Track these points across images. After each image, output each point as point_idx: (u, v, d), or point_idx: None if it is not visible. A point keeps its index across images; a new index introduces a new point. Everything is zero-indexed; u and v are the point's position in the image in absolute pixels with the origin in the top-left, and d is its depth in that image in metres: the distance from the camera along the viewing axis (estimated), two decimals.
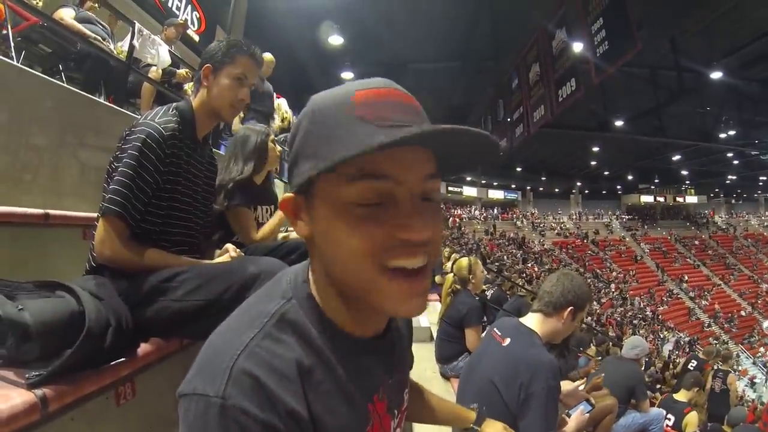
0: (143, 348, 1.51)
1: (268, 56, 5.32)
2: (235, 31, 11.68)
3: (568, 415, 2.35)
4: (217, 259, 1.78)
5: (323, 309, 0.70)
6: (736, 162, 29.77)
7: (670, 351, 20.97)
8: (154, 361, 1.57)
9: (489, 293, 7.67)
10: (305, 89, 19.74)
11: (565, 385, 2.68)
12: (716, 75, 14.58)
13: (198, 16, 10.12)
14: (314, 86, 19.05)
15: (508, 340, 1.99)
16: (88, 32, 4.18)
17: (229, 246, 1.84)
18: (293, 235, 2.66)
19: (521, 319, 2.12)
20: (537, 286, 12.12)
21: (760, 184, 37.88)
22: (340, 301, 0.68)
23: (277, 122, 6.67)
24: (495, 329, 2.10)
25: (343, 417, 0.67)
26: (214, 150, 2.34)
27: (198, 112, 1.75)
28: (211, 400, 0.57)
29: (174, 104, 1.72)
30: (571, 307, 2.05)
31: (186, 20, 7.30)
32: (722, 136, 21.37)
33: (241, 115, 5.47)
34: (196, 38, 9.92)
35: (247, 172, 2.47)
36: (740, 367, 22.90)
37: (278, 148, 2.68)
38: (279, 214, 2.53)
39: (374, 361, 0.75)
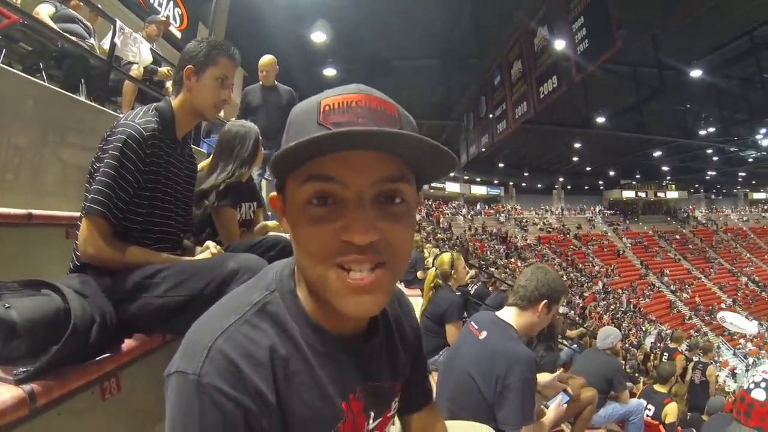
0: (127, 343, 1.54)
1: (269, 58, 5.22)
2: (218, 28, 11.58)
3: (547, 407, 2.41)
4: (198, 256, 1.82)
5: (303, 304, 0.73)
6: (715, 158, 30.12)
7: (652, 343, 21.24)
8: (138, 356, 1.60)
9: (472, 288, 7.75)
10: (288, 86, 19.68)
11: (544, 377, 2.74)
12: (696, 73, 14.74)
13: (180, 12, 10.04)
14: (297, 84, 18.94)
15: (484, 334, 2.03)
16: (60, 30, 4.12)
17: (209, 243, 1.87)
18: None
19: (498, 313, 2.16)
20: None
21: (739, 179, 38.46)
22: (311, 296, 0.72)
23: None
24: (472, 323, 2.15)
25: (315, 409, 0.70)
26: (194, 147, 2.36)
27: (178, 112, 1.77)
28: (189, 377, 0.62)
29: (154, 105, 1.75)
30: (545, 300, 2.09)
31: (168, 17, 7.24)
32: (702, 132, 21.67)
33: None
34: (178, 35, 9.84)
35: (243, 175, 2.49)
36: (721, 359, 23.31)
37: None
38: (267, 224, 2.58)
39: (354, 361, 0.77)
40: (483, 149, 18.60)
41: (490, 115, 16.78)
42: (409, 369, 0.96)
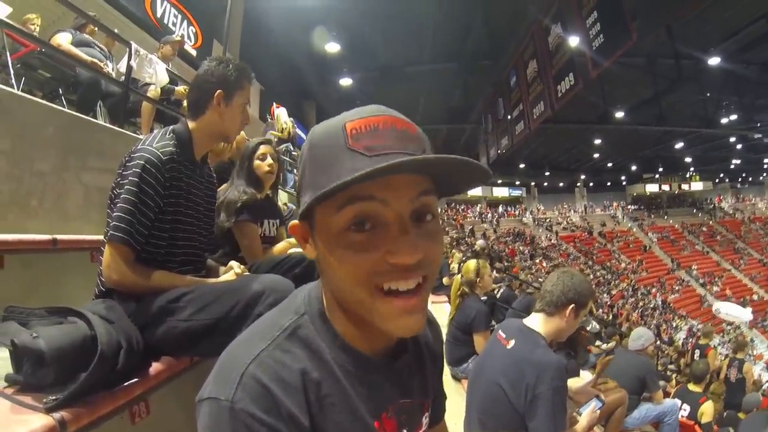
0: (155, 367, 1.55)
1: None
2: (232, 44, 11.72)
3: (579, 413, 2.36)
4: (222, 277, 1.82)
5: (334, 325, 0.73)
6: (739, 146, 29.56)
7: (683, 339, 20.83)
8: (166, 379, 1.61)
9: (499, 293, 7.67)
10: (304, 97, 19.85)
11: (576, 383, 2.69)
12: (714, 60, 14.45)
13: (194, 30, 10.19)
14: (313, 94, 19.10)
15: (512, 342, 2.01)
16: (85, 57, 4.22)
17: (233, 263, 1.87)
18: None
19: (525, 320, 2.14)
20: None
21: (765, 166, 37.57)
22: (347, 318, 0.72)
23: (276, 132, 6.72)
24: (500, 331, 2.12)
25: (346, 429, 0.69)
26: None
27: (198, 133, 1.78)
28: (222, 403, 0.62)
29: (171, 127, 1.76)
30: (572, 305, 2.06)
31: (183, 37, 7.32)
32: (724, 121, 21.28)
33: None
34: (194, 53, 9.98)
35: (259, 193, 2.51)
36: (755, 352, 22.75)
37: (269, 161, 2.66)
38: (290, 241, 2.57)
39: (384, 380, 0.77)
40: (503, 151, 18.53)
41: (508, 117, 16.75)
42: (438, 385, 0.95)
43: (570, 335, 4.79)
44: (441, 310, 5.44)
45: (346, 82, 16.61)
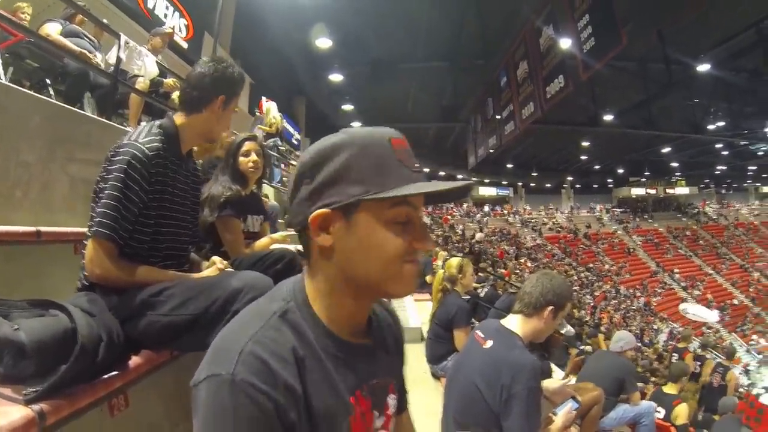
0: (135, 360, 1.57)
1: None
2: (224, 37, 11.66)
3: (555, 414, 2.40)
4: (204, 272, 1.83)
5: (316, 312, 0.84)
6: (725, 153, 29.85)
7: (664, 342, 21.08)
8: (146, 373, 1.63)
9: (482, 291, 7.73)
10: (294, 92, 19.78)
11: (552, 383, 2.74)
12: (704, 67, 14.51)
13: (186, 23, 10.13)
14: (303, 89, 19.04)
15: (489, 343, 2.03)
16: (74, 47, 4.20)
17: (215, 258, 1.89)
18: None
19: (503, 321, 2.16)
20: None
21: (750, 173, 37.95)
22: (329, 306, 0.85)
23: (264, 127, 6.73)
24: (478, 331, 2.15)
25: (329, 404, 0.79)
26: None
27: (187, 130, 1.79)
28: (223, 377, 0.70)
29: (158, 122, 1.77)
30: (551, 307, 2.09)
31: (173, 29, 7.28)
32: (711, 127, 21.46)
33: None
34: (185, 45, 9.93)
35: (236, 190, 2.51)
36: (734, 356, 23.09)
37: (254, 157, 2.67)
38: (273, 237, 2.60)
39: (359, 361, 0.87)
40: (491, 150, 18.60)
41: (498, 117, 16.77)
42: (401, 373, 1.07)
43: (545, 338, 4.84)
44: (424, 308, 5.47)
45: (336, 78, 16.57)
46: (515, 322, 2.13)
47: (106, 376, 1.44)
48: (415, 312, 5.68)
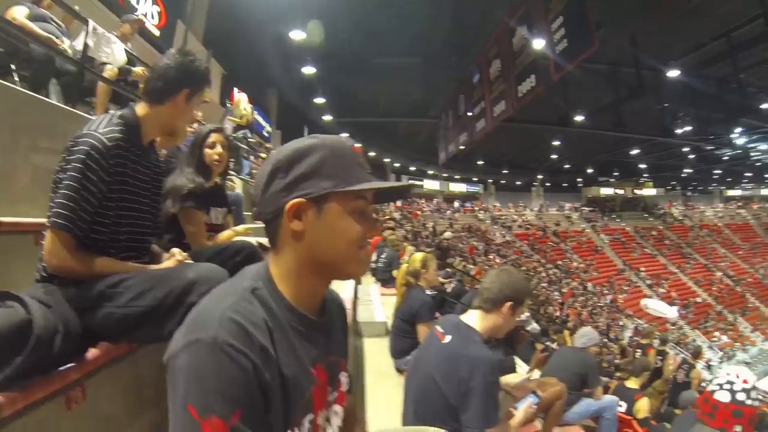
0: (92, 352, 1.56)
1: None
2: (197, 26, 11.49)
3: (516, 408, 2.45)
4: (164, 264, 1.83)
5: (281, 291, 0.94)
6: (692, 156, 30.54)
7: (629, 338, 21.59)
8: (103, 365, 1.62)
9: (449, 287, 7.80)
10: (266, 84, 19.56)
11: (514, 379, 2.79)
12: (674, 73, 14.78)
13: (158, 9, 9.93)
14: (277, 81, 18.83)
15: (448, 337, 2.05)
16: (41, 32, 4.10)
17: (175, 250, 1.89)
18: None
19: (462, 317, 2.18)
20: None
21: (715, 177, 39.08)
22: (294, 286, 0.95)
23: (234, 118, 6.68)
24: (437, 326, 2.17)
25: (295, 372, 0.87)
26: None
27: (149, 120, 1.77)
28: (204, 341, 0.77)
29: (119, 112, 1.74)
30: (510, 302, 2.11)
31: (143, 16, 7.14)
32: (679, 131, 21.89)
33: None
34: (157, 33, 9.73)
35: (200, 182, 2.49)
36: (699, 355, 23.79)
37: (219, 149, 2.65)
38: (236, 230, 2.60)
39: (317, 337, 0.97)
40: (462, 147, 18.72)
41: (469, 114, 16.90)
42: (347, 351, 1.18)
43: (509, 334, 4.88)
44: (390, 303, 5.48)
45: (309, 71, 16.47)
46: (474, 318, 2.14)
47: (62, 369, 1.43)
48: (380, 306, 5.70)
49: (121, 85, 4.75)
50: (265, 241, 1.04)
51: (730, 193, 44.34)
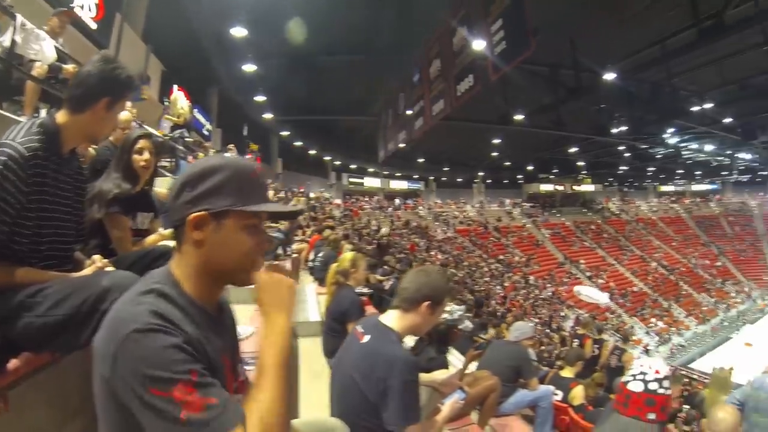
0: (13, 363, 1.56)
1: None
2: (136, 20, 11.12)
3: (443, 404, 2.53)
4: (83, 271, 1.80)
5: (184, 289, 1.06)
6: (627, 154, 31.98)
7: (571, 327, 22.25)
8: (25, 375, 1.61)
9: (388, 285, 7.86)
10: (207, 82, 19.08)
11: (441, 375, 2.88)
12: (610, 76, 15.17)
13: (96, 1, 9.50)
14: (218, 79, 18.40)
15: (367, 337, 2.09)
16: None
17: (95, 257, 1.86)
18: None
19: (381, 317, 2.21)
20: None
21: (649, 174, 41.29)
22: (198, 285, 1.08)
23: (172, 117, 6.55)
24: (358, 327, 2.21)
25: (213, 355, 1.03)
26: None
27: (70, 128, 1.74)
28: (138, 329, 0.90)
29: (38, 121, 1.70)
30: (428, 302, 2.11)
31: (79, 8, 6.86)
32: (615, 131, 22.78)
33: None
34: (93, 26, 9.36)
35: (126, 188, 2.47)
36: (634, 337, 25.05)
37: (146, 155, 2.61)
38: (162, 233, 2.60)
39: (219, 330, 1.12)
40: (401, 145, 18.90)
41: (408, 112, 17.07)
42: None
43: (442, 332, 4.98)
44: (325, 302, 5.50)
45: (250, 68, 16.22)
46: (392, 318, 2.16)
47: None
48: (315, 306, 5.65)
49: (51, 83, 4.59)
50: None
51: (664, 188, 46.56)
